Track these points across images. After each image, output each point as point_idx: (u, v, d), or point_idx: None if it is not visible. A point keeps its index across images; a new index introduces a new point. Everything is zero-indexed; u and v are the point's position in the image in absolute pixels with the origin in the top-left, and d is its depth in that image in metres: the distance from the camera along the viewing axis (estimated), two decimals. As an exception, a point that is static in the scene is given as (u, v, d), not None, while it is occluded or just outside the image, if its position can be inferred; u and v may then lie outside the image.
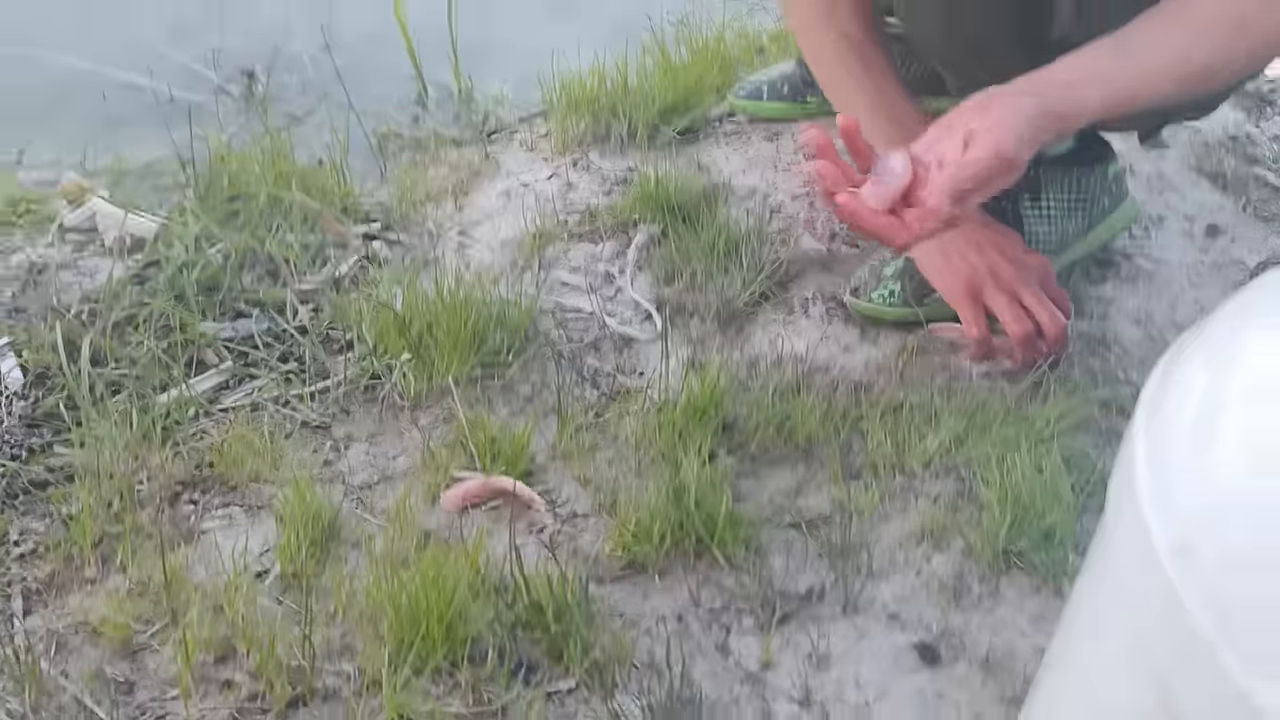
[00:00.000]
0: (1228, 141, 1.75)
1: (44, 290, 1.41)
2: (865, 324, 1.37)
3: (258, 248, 1.45)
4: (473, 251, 1.50)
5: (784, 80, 1.74)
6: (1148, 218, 1.56)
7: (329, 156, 1.66)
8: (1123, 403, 1.25)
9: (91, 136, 1.78)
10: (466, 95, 1.92)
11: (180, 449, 1.19)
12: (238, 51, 2.05)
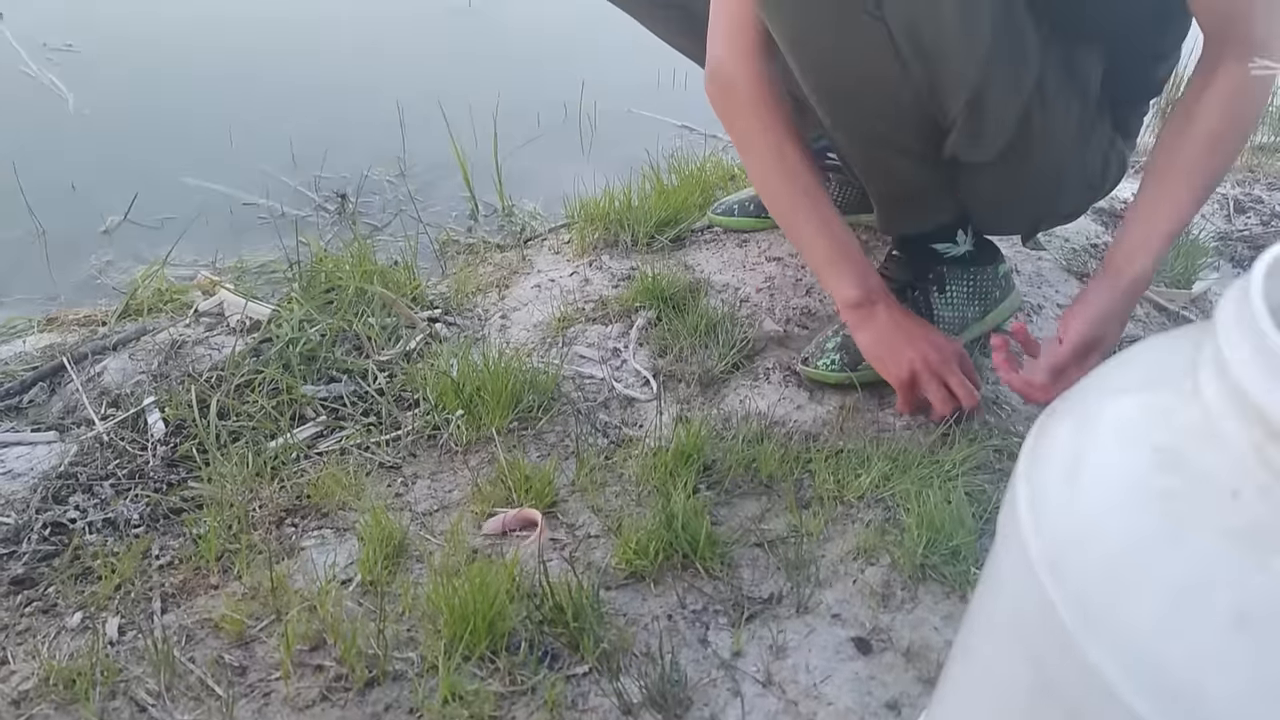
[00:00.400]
0: (1089, 248, 1.76)
1: (182, 360, 1.41)
2: (813, 387, 1.37)
3: (347, 328, 1.45)
4: (512, 331, 1.51)
5: (751, 200, 1.75)
6: (1031, 306, 1.57)
7: (402, 258, 1.67)
8: (1012, 450, 1.24)
9: (222, 242, 1.79)
10: (508, 211, 1.94)
11: (285, 484, 1.19)
12: (334, 178, 2.07)
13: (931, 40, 1.08)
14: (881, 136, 1.19)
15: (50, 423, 1.31)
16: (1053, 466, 0.53)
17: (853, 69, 1.12)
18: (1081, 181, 1.30)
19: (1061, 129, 1.21)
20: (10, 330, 1.53)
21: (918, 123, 1.17)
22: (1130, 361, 0.57)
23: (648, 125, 2.38)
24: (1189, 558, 0.43)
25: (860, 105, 1.16)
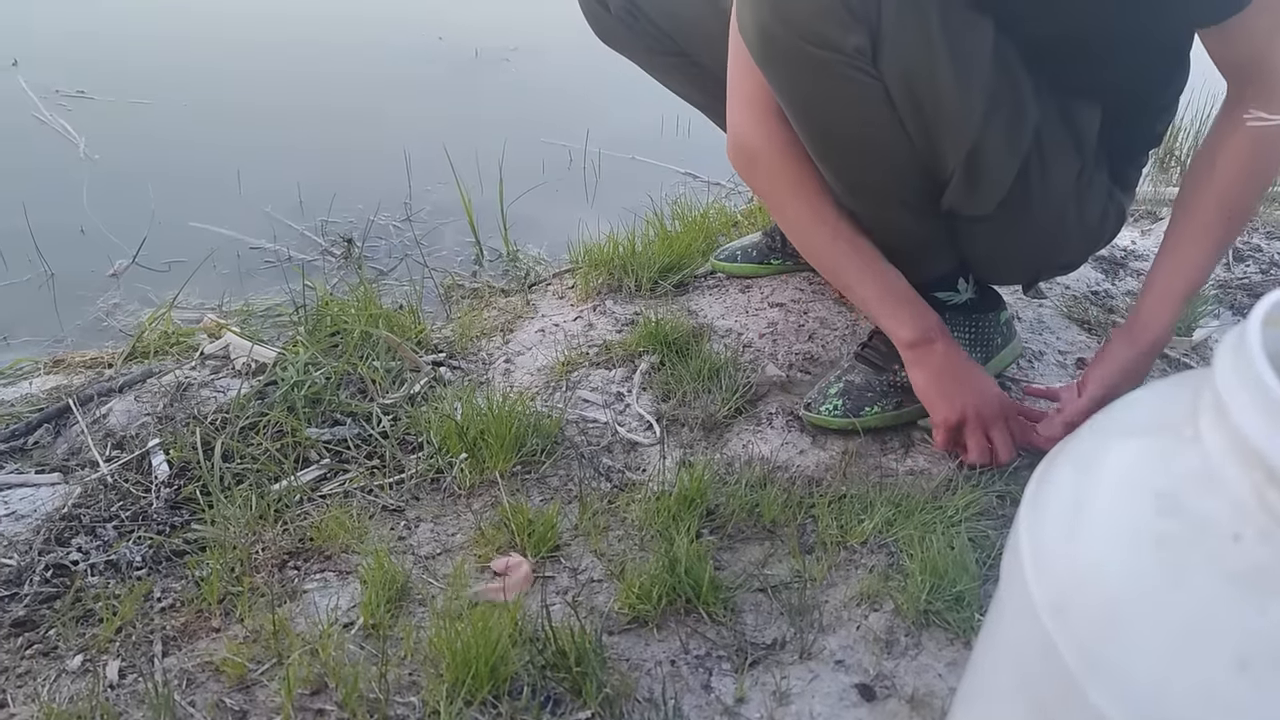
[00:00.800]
0: (1090, 295, 1.77)
1: (187, 403, 1.42)
2: (815, 432, 1.37)
3: (351, 371, 1.46)
4: (516, 375, 1.52)
5: (753, 247, 1.77)
6: (1031, 352, 1.57)
7: (407, 302, 1.68)
8: (1015, 496, 1.24)
9: (228, 286, 1.81)
10: (513, 256, 1.95)
11: (288, 526, 1.19)
12: (341, 223, 2.09)
13: (928, 97, 1.10)
14: (880, 190, 1.21)
15: (55, 464, 1.32)
16: (1054, 510, 0.53)
17: (850, 126, 1.14)
18: (1080, 234, 1.32)
19: (1059, 182, 1.23)
20: (17, 372, 1.54)
21: (916, 177, 1.18)
22: (1131, 407, 0.58)
23: (651, 172, 2.40)
24: (1190, 602, 0.44)
25: (859, 160, 1.18)
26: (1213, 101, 2.44)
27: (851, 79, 1.08)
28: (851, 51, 1.07)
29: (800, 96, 1.14)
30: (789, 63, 1.10)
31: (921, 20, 1.08)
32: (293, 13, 3.42)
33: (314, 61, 3.07)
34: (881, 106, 1.10)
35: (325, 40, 3.22)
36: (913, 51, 1.08)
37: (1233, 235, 1.22)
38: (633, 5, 1.50)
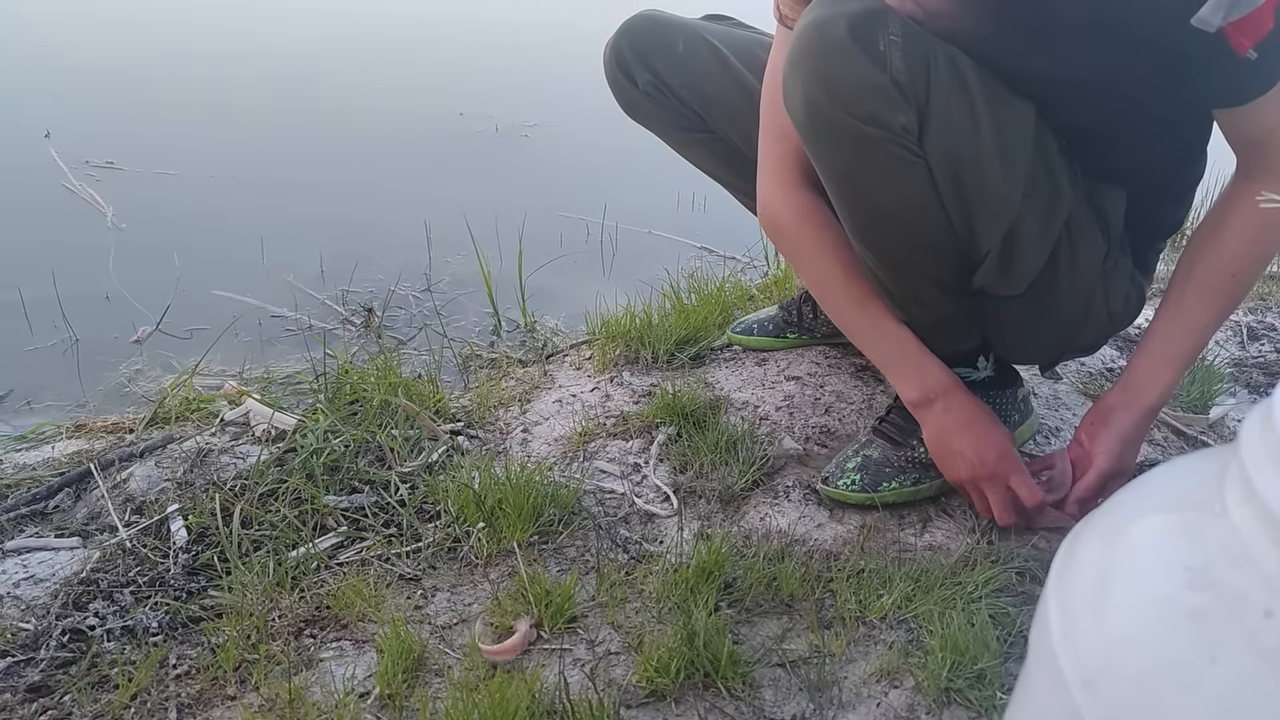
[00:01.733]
0: (1106, 372, 1.77)
1: (207, 469, 1.43)
2: (833, 506, 1.37)
3: (370, 439, 1.47)
4: (533, 445, 1.52)
5: (769, 320, 1.78)
6: (1049, 428, 1.57)
7: (426, 371, 1.69)
8: (1034, 573, 1.24)
9: (250, 353, 1.83)
10: (530, 327, 1.97)
11: (305, 594, 1.19)
12: (362, 292, 2.12)
13: (971, 177, 1.12)
14: (915, 266, 1.22)
15: (74, 529, 1.32)
16: (1083, 586, 0.53)
17: (891, 204, 1.15)
18: (1104, 316, 1.32)
19: (1087, 265, 1.24)
20: (39, 436, 1.55)
21: (950, 255, 1.19)
22: (1156, 483, 0.58)
23: (668, 246, 2.43)
24: (1223, 677, 0.44)
25: (896, 236, 1.19)
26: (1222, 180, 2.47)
27: (896, 156, 1.10)
28: (899, 130, 1.09)
29: (844, 171, 1.16)
30: (835, 138, 1.12)
31: (968, 102, 1.10)
32: (317, 87, 3.51)
33: (338, 135, 3.14)
34: (924, 185, 1.12)
35: (349, 114, 3.29)
36: (958, 132, 1.10)
37: (1234, 304, 1.22)
38: (659, 82, 1.53)
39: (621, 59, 1.53)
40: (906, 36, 1.08)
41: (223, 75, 3.51)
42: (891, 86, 1.07)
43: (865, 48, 1.06)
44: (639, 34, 1.52)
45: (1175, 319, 1.20)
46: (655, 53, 1.50)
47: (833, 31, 1.07)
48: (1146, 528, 0.53)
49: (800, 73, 1.10)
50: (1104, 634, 0.49)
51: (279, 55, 3.78)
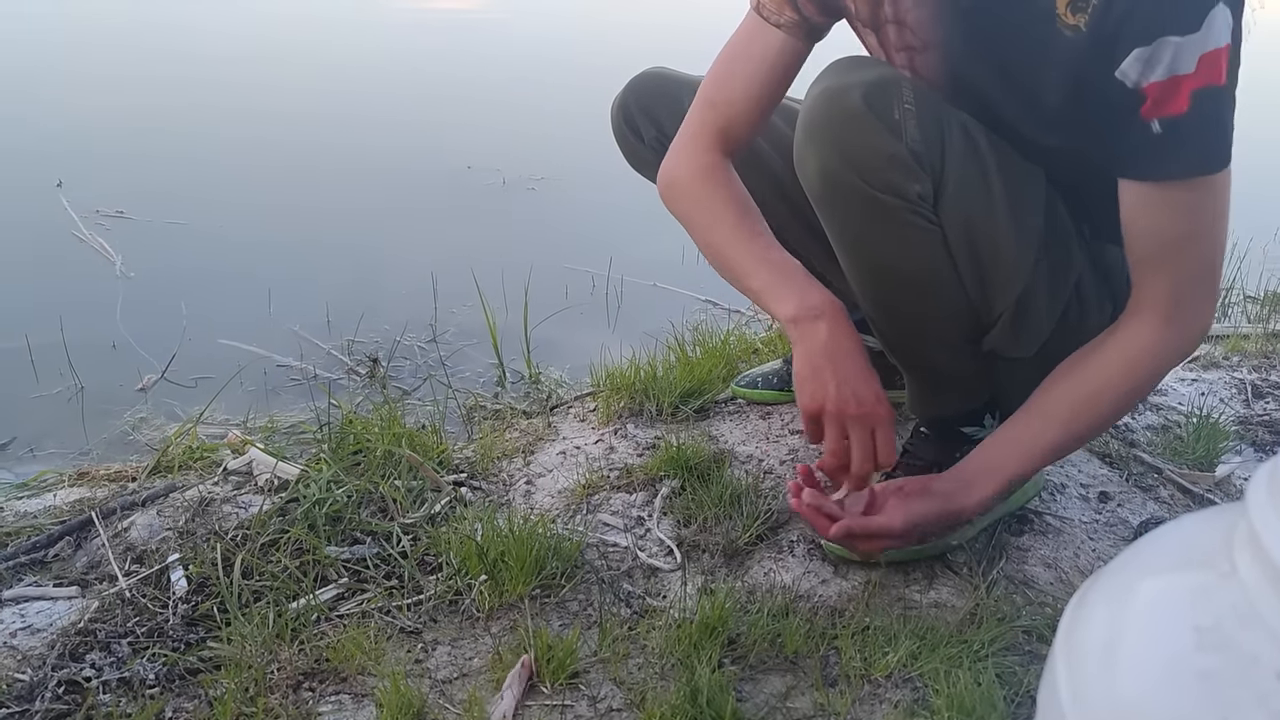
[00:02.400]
0: (1111, 430, 1.77)
1: (209, 518, 1.42)
2: (838, 562, 1.36)
3: (373, 490, 1.46)
4: (536, 497, 1.52)
5: (774, 374, 1.78)
6: (1054, 485, 1.57)
7: (430, 422, 1.70)
8: (1040, 631, 1.22)
9: (254, 402, 1.83)
10: (535, 378, 1.98)
11: (304, 646, 1.18)
12: (367, 342, 2.13)
13: (985, 244, 1.12)
14: (925, 330, 1.22)
15: (73, 578, 1.32)
16: (1091, 645, 0.53)
17: (905, 270, 1.16)
18: None
19: (1095, 325, 1.24)
20: (41, 484, 1.55)
21: (962, 319, 1.20)
22: (1163, 541, 0.58)
23: (672, 299, 2.44)
24: (1237, 741, 0.43)
25: (908, 301, 1.20)
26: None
27: (912, 224, 1.11)
28: (915, 198, 1.10)
29: (858, 238, 1.17)
30: (851, 206, 1.13)
31: (981, 169, 1.11)
32: (327, 140, 3.55)
33: (347, 186, 3.17)
34: (937, 251, 1.13)
35: (359, 166, 3.33)
36: (973, 199, 1.11)
37: (1086, 434, 1.20)
38: (665, 137, 1.54)
39: (628, 114, 1.55)
40: (920, 104, 1.09)
41: (233, 127, 3.56)
42: (908, 155, 1.08)
43: (881, 117, 1.07)
44: (645, 90, 1.54)
45: (1023, 431, 1.17)
46: (661, 108, 1.52)
47: (848, 101, 1.08)
48: (1155, 587, 0.53)
49: (815, 141, 1.11)
50: (1113, 696, 0.48)
51: (289, 108, 3.84)
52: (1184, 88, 0.98)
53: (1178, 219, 1.06)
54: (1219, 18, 0.97)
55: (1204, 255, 1.09)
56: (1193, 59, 0.97)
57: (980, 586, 1.30)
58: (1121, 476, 1.62)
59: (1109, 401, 1.15)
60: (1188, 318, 1.12)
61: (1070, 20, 1.03)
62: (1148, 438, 1.75)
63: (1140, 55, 0.98)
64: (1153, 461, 1.66)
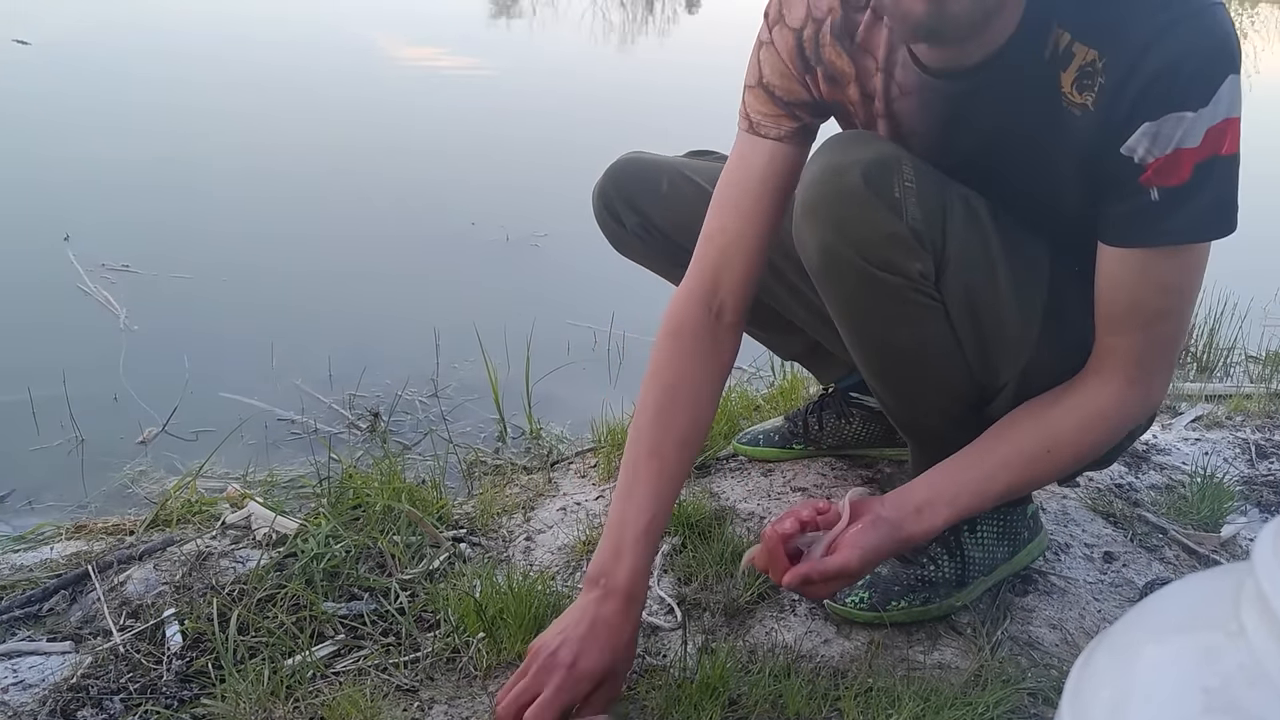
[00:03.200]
0: (1115, 488, 1.76)
1: (206, 573, 1.41)
2: (840, 622, 1.34)
3: (372, 545, 1.45)
4: (536, 554, 1.51)
5: (775, 431, 1.78)
6: (1058, 545, 1.56)
7: (430, 477, 1.69)
8: (1045, 693, 1.21)
9: (255, 456, 1.83)
10: (536, 434, 1.97)
11: (300, 704, 1.16)
12: (369, 396, 2.13)
13: (989, 318, 1.13)
14: (927, 401, 1.22)
15: (67, 632, 1.30)
16: (1098, 709, 0.52)
17: (907, 345, 1.16)
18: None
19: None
20: (39, 537, 1.54)
21: (964, 391, 1.20)
22: (1169, 601, 0.57)
23: (674, 355, 2.44)
24: (1248, 806, 0.42)
25: (910, 375, 1.20)
26: (1223, 299, 2.50)
27: (913, 301, 1.12)
28: (916, 276, 1.10)
29: (859, 314, 1.17)
30: (851, 284, 1.13)
31: (983, 244, 1.12)
32: (332, 196, 3.59)
33: (351, 242, 3.20)
34: (940, 326, 1.13)
35: (363, 222, 3.35)
36: (976, 275, 1.11)
37: (1035, 482, 1.19)
38: (647, 223, 1.53)
39: (608, 202, 1.54)
40: (920, 181, 1.09)
41: (238, 181, 3.59)
42: (909, 234, 1.08)
43: (880, 195, 1.08)
44: (623, 178, 1.53)
45: (976, 471, 1.15)
46: (640, 194, 1.51)
47: (847, 179, 1.08)
48: (1161, 648, 0.52)
49: (816, 219, 1.11)
50: (1122, 757, 0.47)
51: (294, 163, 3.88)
52: (1186, 160, 0.99)
53: (1159, 286, 1.06)
54: (1229, 90, 0.97)
55: (1175, 325, 1.10)
56: (1200, 133, 0.98)
57: (985, 648, 1.29)
58: (1126, 536, 1.60)
59: (1064, 457, 1.14)
60: (1151, 384, 1.12)
61: (1077, 99, 1.03)
62: (1152, 497, 1.74)
63: (1148, 130, 0.99)
64: (1157, 521, 1.65)
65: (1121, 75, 1.00)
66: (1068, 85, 1.04)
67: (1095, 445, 1.16)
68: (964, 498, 1.14)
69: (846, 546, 1.09)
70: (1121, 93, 1.00)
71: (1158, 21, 0.98)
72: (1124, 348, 1.10)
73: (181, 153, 3.82)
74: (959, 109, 1.12)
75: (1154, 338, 1.09)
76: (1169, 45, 0.97)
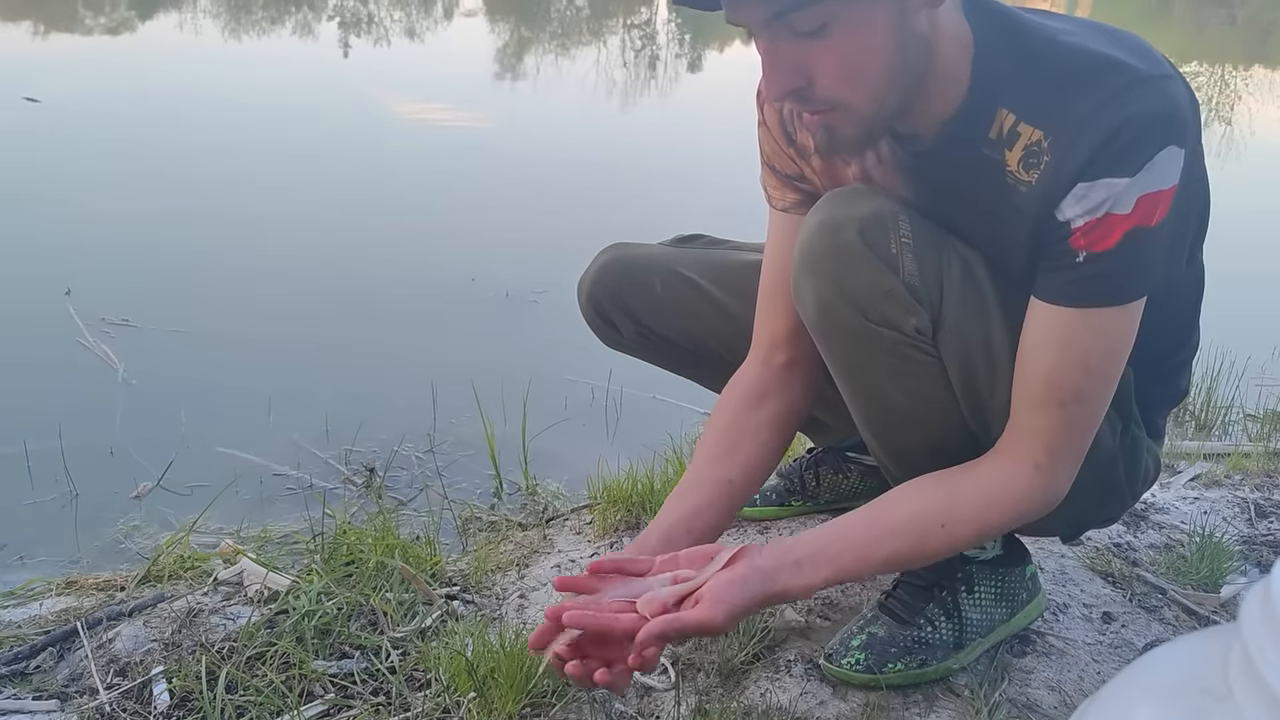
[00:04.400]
0: (1113, 548, 1.75)
1: (196, 629, 1.40)
2: (836, 684, 1.32)
3: (364, 602, 1.44)
4: (529, 612, 1.49)
5: (771, 489, 1.77)
6: (1056, 605, 1.54)
7: (425, 533, 1.68)
8: (1046, 757, 1.19)
9: (249, 511, 1.82)
10: (531, 490, 1.96)
11: (286, 765, 1.15)
12: (365, 451, 2.13)
13: (984, 373, 1.13)
14: (922, 458, 1.22)
15: (54, 690, 1.29)
16: (1089, 771, 0.52)
17: (903, 401, 1.16)
18: (1123, 488, 1.30)
19: (1105, 443, 1.23)
20: (28, 592, 1.53)
21: (959, 448, 1.19)
22: (1160, 664, 0.57)
23: (672, 411, 2.44)
24: None
25: (906, 431, 1.20)
26: (1221, 358, 2.50)
27: (910, 357, 1.12)
28: (912, 332, 1.11)
29: (856, 370, 1.17)
30: (848, 339, 1.14)
31: (980, 302, 1.13)
32: (332, 251, 3.61)
33: (351, 297, 3.21)
34: (936, 382, 1.14)
35: (363, 277, 3.37)
36: (972, 332, 1.12)
37: (923, 556, 1.14)
38: (643, 328, 1.50)
39: (599, 307, 1.51)
40: (918, 237, 1.11)
41: (239, 236, 3.62)
42: (904, 291, 1.09)
43: (877, 251, 1.09)
44: (614, 281, 1.49)
45: (865, 533, 1.11)
46: (634, 299, 1.47)
47: (844, 235, 1.10)
48: (1152, 711, 0.52)
49: (812, 274, 1.13)
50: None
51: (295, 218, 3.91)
52: (1117, 227, 1.01)
53: (1079, 358, 1.06)
54: (1166, 160, 0.99)
55: (1089, 413, 1.09)
56: (1131, 200, 0.99)
57: (982, 710, 1.27)
58: (1125, 596, 1.59)
59: (960, 534, 1.12)
60: (1056, 474, 1.10)
61: (1024, 176, 1.05)
62: (1150, 557, 1.73)
63: (1079, 192, 1.01)
64: (1156, 581, 1.63)
65: (1064, 151, 1.02)
66: (1014, 164, 1.06)
67: (993, 527, 1.14)
68: (847, 557, 1.09)
69: (711, 600, 1.00)
70: (1062, 167, 1.02)
71: (1101, 95, 0.99)
72: (1038, 430, 1.09)
73: (183, 208, 3.86)
74: (923, 175, 1.15)
75: (1068, 422, 1.08)
76: (1109, 114, 0.99)
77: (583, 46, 9.66)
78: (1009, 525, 1.14)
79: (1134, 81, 0.99)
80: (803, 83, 1.00)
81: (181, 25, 8.68)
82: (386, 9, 11.23)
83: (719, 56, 10.22)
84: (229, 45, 7.91)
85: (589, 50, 9.42)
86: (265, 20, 9.64)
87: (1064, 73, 1.02)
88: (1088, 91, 1.00)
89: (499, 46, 9.50)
